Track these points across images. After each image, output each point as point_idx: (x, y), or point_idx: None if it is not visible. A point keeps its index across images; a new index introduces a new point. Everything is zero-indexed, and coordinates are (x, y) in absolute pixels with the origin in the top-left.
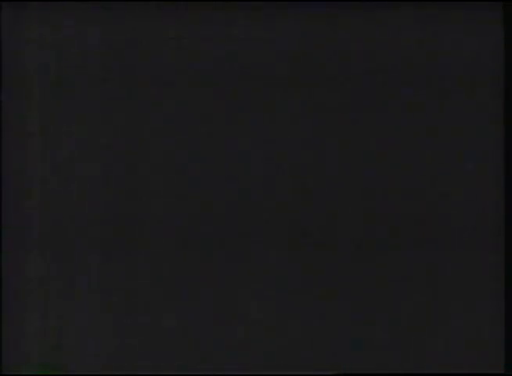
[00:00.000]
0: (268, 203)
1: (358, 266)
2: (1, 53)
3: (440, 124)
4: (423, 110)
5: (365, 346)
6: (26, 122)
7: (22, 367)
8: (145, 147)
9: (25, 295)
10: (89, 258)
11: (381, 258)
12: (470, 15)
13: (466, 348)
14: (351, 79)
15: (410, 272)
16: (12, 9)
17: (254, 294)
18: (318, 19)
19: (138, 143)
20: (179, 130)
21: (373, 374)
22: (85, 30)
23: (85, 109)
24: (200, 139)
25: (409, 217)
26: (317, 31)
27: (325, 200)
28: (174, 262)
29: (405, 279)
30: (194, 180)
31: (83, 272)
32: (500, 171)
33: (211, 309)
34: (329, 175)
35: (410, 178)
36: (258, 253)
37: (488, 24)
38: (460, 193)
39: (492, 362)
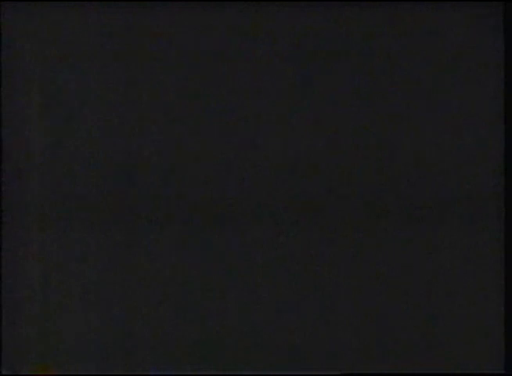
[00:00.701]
0: (267, 191)
1: (355, 251)
2: (1, 53)
3: (439, 123)
4: (421, 110)
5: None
6: (26, 122)
7: (22, 367)
8: (145, 145)
9: (25, 295)
10: (89, 256)
11: (377, 243)
12: (470, 15)
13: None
14: (350, 78)
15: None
16: (12, 9)
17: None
18: (317, 17)
19: (138, 142)
20: (180, 128)
21: (373, 374)
22: (86, 29)
23: (86, 108)
24: (200, 135)
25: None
26: (316, 28)
27: (323, 185)
28: (171, 250)
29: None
30: (194, 177)
31: (84, 270)
32: (500, 170)
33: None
34: (328, 166)
35: (410, 175)
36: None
37: (488, 24)
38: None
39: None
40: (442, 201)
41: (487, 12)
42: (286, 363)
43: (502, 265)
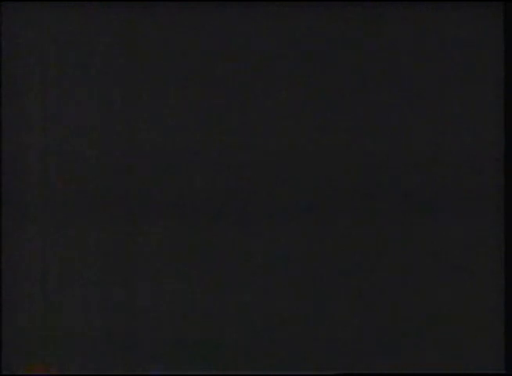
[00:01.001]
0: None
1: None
2: (1, 53)
3: (439, 122)
4: (421, 109)
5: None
6: (26, 121)
7: (22, 367)
8: (145, 143)
9: (25, 293)
10: (89, 255)
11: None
12: (470, 15)
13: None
14: (350, 78)
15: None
16: (12, 9)
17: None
18: (318, 15)
19: (137, 141)
20: (180, 128)
21: (373, 374)
22: (86, 29)
23: (86, 108)
24: (200, 135)
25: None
26: (317, 28)
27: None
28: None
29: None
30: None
31: (84, 267)
32: (500, 169)
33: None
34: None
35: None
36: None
37: (488, 24)
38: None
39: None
40: (441, 199)
41: (487, 12)
42: (285, 363)
43: (502, 264)
